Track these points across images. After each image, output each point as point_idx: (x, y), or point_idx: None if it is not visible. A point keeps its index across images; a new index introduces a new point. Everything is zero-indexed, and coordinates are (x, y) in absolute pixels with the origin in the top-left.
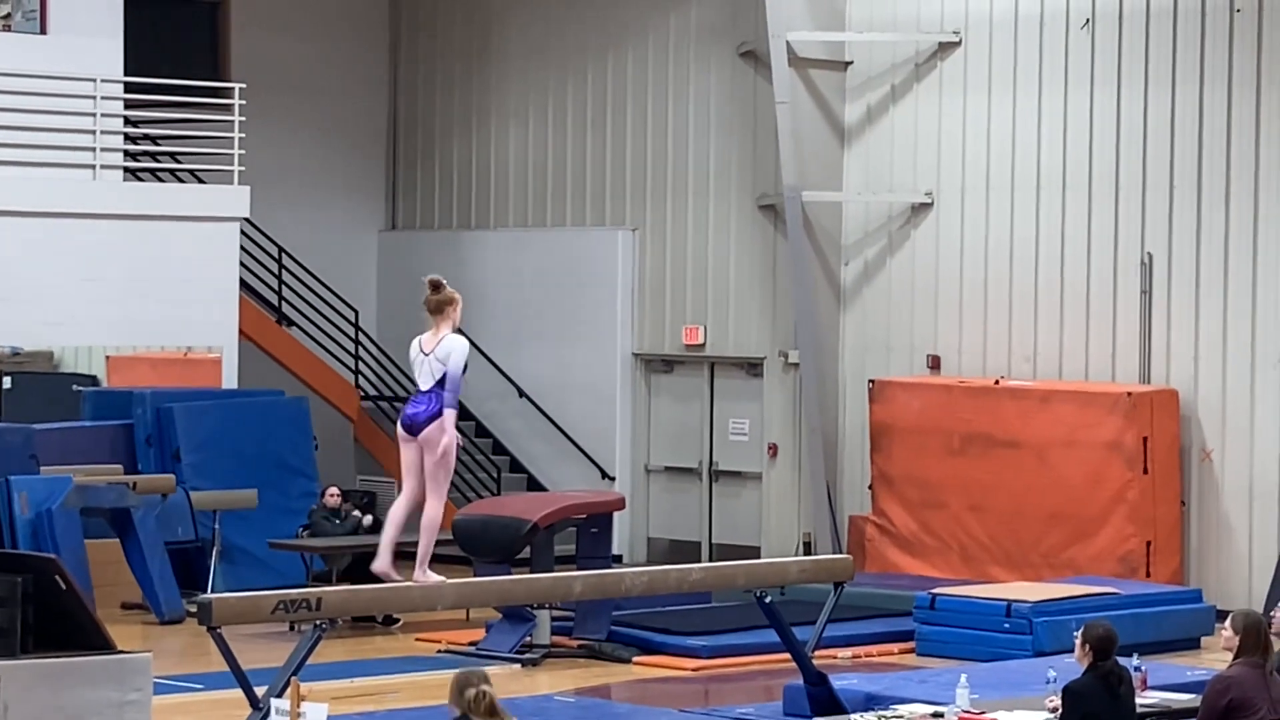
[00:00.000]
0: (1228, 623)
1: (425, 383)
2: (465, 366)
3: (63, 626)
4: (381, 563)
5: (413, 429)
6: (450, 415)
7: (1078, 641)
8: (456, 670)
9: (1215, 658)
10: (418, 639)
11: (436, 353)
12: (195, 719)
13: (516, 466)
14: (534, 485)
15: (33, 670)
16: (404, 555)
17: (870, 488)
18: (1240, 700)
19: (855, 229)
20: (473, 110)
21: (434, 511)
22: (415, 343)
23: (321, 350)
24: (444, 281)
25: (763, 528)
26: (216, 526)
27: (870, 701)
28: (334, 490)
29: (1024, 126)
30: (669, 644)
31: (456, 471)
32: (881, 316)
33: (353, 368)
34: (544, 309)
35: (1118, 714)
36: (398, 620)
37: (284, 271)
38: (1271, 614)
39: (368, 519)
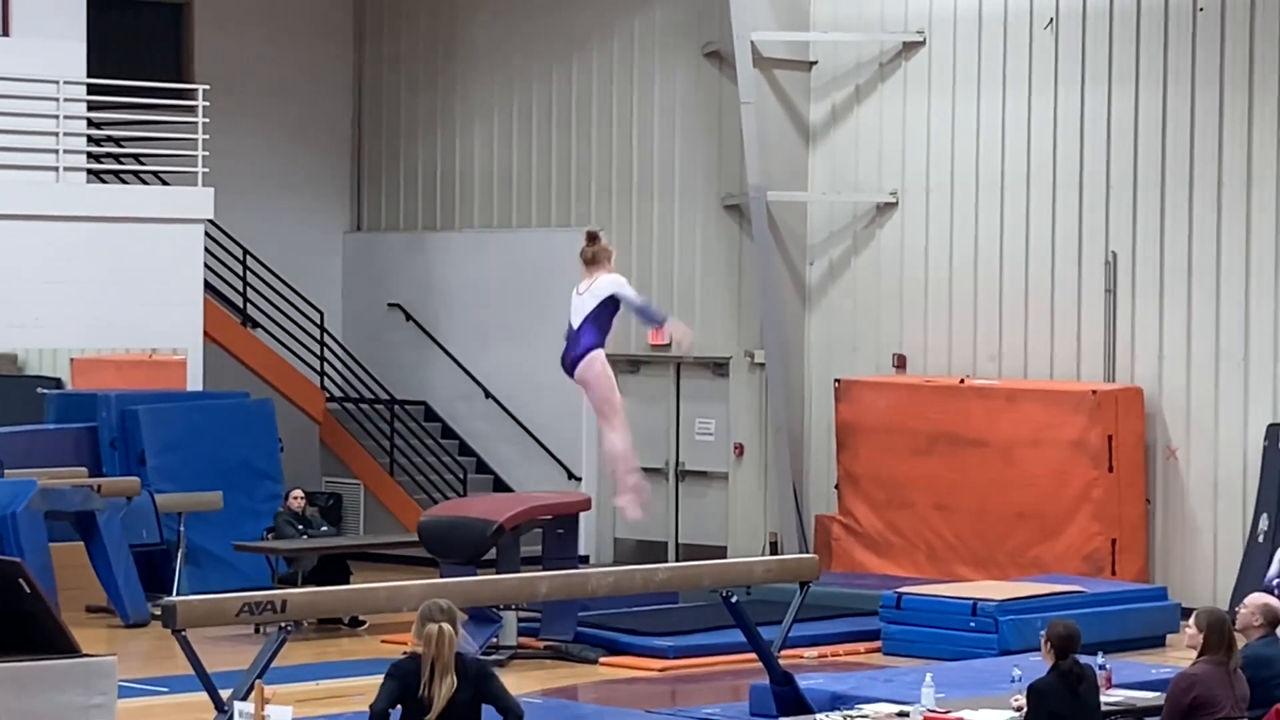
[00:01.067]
0: (1192, 621)
1: (575, 320)
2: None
3: (27, 630)
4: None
5: (570, 371)
6: (597, 353)
7: (1042, 640)
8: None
9: (1180, 655)
10: (384, 640)
11: (593, 289)
12: None
13: (483, 467)
14: (500, 486)
15: None
16: (382, 558)
17: (836, 487)
18: (1204, 698)
19: (820, 229)
20: (438, 112)
21: (611, 444)
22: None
23: (287, 352)
24: (600, 233)
25: (729, 528)
26: (182, 529)
27: (836, 701)
28: (298, 493)
29: (988, 126)
30: (635, 645)
31: (422, 472)
32: (847, 316)
33: (318, 369)
34: (510, 310)
35: (1079, 712)
36: (364, 622)
37: (249, 273)
38: (1236, 611)
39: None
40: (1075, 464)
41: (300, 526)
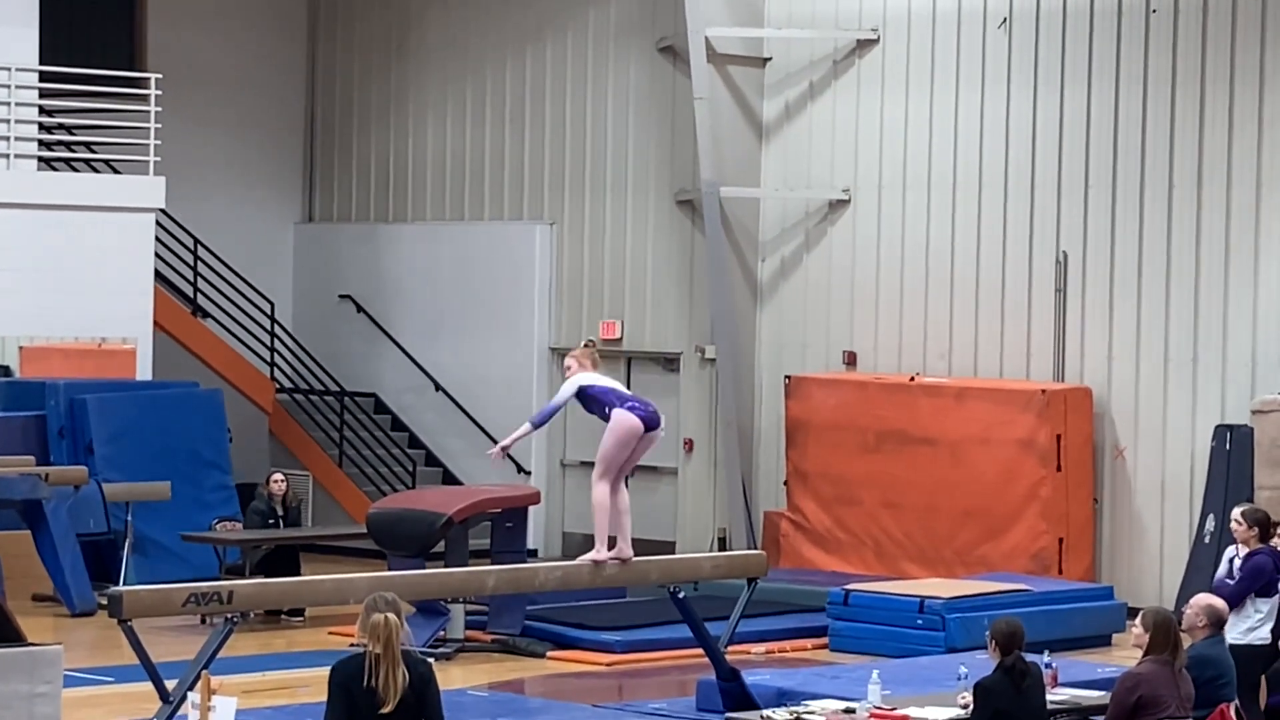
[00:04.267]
0: (1138, 620)
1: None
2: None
3: None
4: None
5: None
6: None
7: (988, 638)
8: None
9: (1126, 655)
10: (330, 632)
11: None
12: (106, 712)
13: (432, 460)
14: (449, 479)
15: None
16: (330, 550)
17: (785, 483)
18: (1149, 697)
19: (773, 225)
20: (391, 103)
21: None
22: (592, 375)
23: (237, 343)
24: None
25: (678, 523)
26: (129, 519)
27: (783, 697)
28: (278, 477)
29: (941, 124)
30: (583, 639)
31: (371, 464)
32: (798, 313)
33: (268, 360)
34: (461, 303)
35: (1024, 710)
36: (302, 612)
37: (199, 263)
38: (1182, 611)
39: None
40: (1023, 463)
41: (272, 520)
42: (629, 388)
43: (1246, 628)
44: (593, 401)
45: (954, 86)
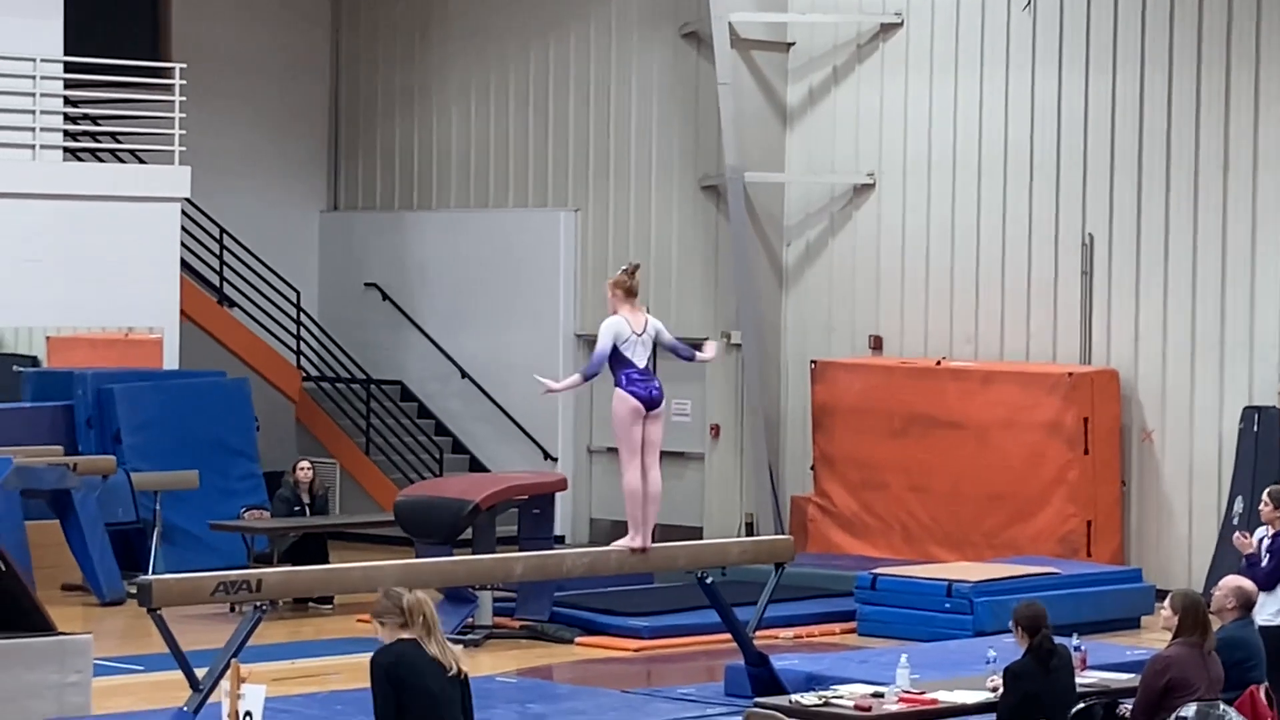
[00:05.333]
0: (1167, 602)
1: (644, 360)
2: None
3: (2, 608)
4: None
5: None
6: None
7: (1012, 625)
8: (378, 596)
9: (1155, 637)
10: (359, 620)
11: (647, 329)
12: (135, 700)
13: (459, 447)
14: (476, 466)
15: None
16: (358, 538)
17: (812, 468)
18: (1179, 680)
19: (797, 210)
20: (414, 91)
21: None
22: (624, 323)
23: (263, 331)
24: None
25: (705, 508)
26: (157, 508)
27: (811, 681)
28: (304, 464)
29: (966, 108)
30: (611, 625)
31: (398, 451)
32: (823, 297)
33: (294, 348)
34: (486, 290)
35: (1053, 693)
36: (331, 600)
37: (225, 252)
38: (1210, 594)
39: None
40: (1051, 446)
41: (299, 508)
42: (654, 373)
43: (1276, 609)
44: (612, 362)
45: (978, 69)
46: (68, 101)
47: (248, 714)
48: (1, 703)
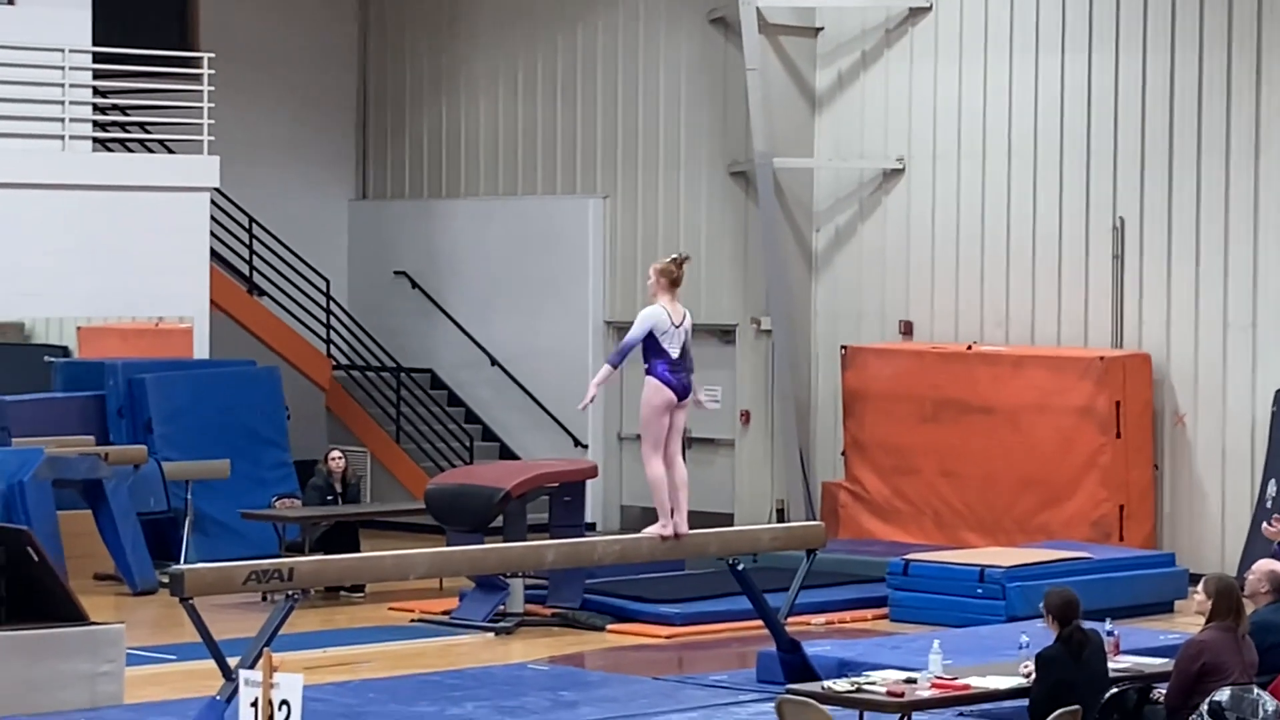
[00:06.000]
0: (1200, 587)
1: (677, 350)
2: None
3: (35, 598)
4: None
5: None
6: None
7: (1042, 611)
8: None
9: (1188, 622)
10: (391, 608)
11: (684, 324)
12: (168, 690)
13: (489, 435)
14: (506, 454)
15: (4, 642)
16: (389, 526)
17: (843, 454)
18: (1213, 664)
19: (826, 195)
20: (443, 79)
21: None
22: (664, 314)
23: (293, 320)
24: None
25: (736, 495)
26: (189, 497)
27: (844, 668)
28: (336, 454)
29: (995, 92)
30: (642, 612)
31: (428, 439)
32: (853, 283)
33: (324, 337)
34: (515, 277)
35: (1085, 679)
36: (363, 588)
37: (254, 241)
38: (1244, 578)
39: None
40: (1083, 430)
41: (331, 497)
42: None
43: None
44: (647, 349)
45: (1008, 53)
46: (97, 92)
47: (284, 703)
48: (35, 692)
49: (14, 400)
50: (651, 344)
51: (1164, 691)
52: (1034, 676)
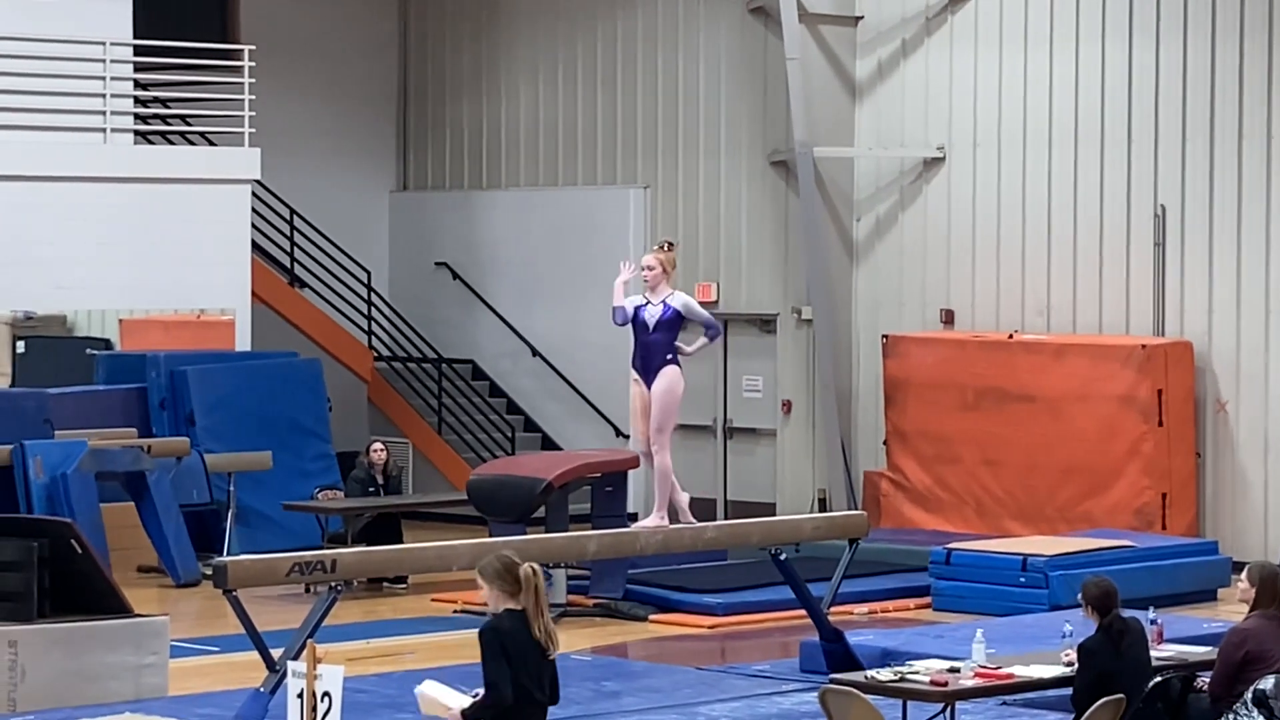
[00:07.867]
0: (1244, 575)
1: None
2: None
3: (79, 590)
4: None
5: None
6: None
7: (1081, 602)
8: (491, 558)
9: (1232, 610)
10: (433, 599)
11: (666, 300)
12: (212, 681)
13: (531, 426)
14: (548, 444)
15: (49, 634)
16: (431, 517)
17: (885, 443)
18: (1257, 652)
19: (867, 184)
20: (483, 70)
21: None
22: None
23: (334, 311)
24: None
25: (777, 484)
26: (231, 489)
27: (886, 657)
28: (378, 446)
29: (1036, 79)
30: (685, 602)
31: (470, 430)
32: (894, 271)
33: (365, 329)
34: (556, 268)
35: (1127, 668)
36: (405, 579)
37: (295, 233)
38: None
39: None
40: (1124, 418)
41: (373, 488)
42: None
43: None
44: (671, 336)
45: (1048, 40)
46: (138, 85)
47: (326, 694)
48: (80, 684)
49: (57, 393)
50: (677, 332)
51: (1208, 680)
52: (1076, 667)
